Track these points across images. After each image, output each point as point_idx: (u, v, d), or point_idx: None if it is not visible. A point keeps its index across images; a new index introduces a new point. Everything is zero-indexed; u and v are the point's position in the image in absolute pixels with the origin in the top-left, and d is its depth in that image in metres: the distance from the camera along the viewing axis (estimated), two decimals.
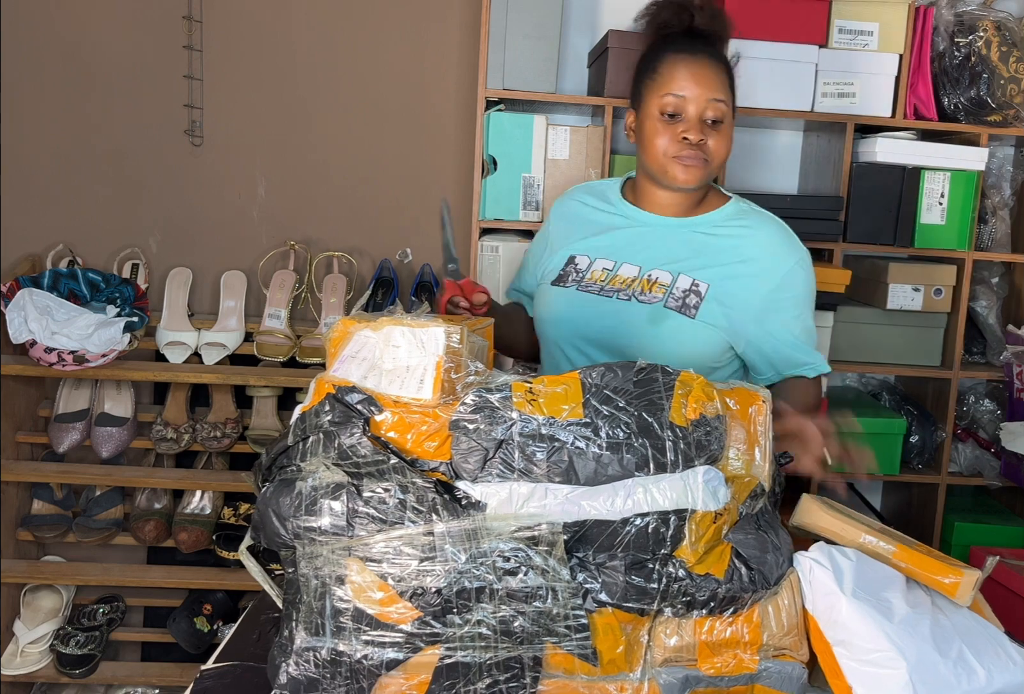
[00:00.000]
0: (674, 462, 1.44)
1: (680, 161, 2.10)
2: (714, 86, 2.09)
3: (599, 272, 2.22)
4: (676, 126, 2.09)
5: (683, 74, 2.09)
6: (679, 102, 2.08)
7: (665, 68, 2.11)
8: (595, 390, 1.46)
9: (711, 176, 2.17)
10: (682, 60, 2.10)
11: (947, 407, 3.24)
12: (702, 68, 2.09)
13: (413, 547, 1.38)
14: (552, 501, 1.41)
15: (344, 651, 1.40)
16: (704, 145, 2.09)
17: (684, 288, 2.15)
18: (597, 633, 1.41)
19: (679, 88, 2.08)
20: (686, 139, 2.08)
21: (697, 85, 2.08)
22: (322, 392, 1.49)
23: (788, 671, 1.50)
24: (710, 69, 2.10)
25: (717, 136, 2.11)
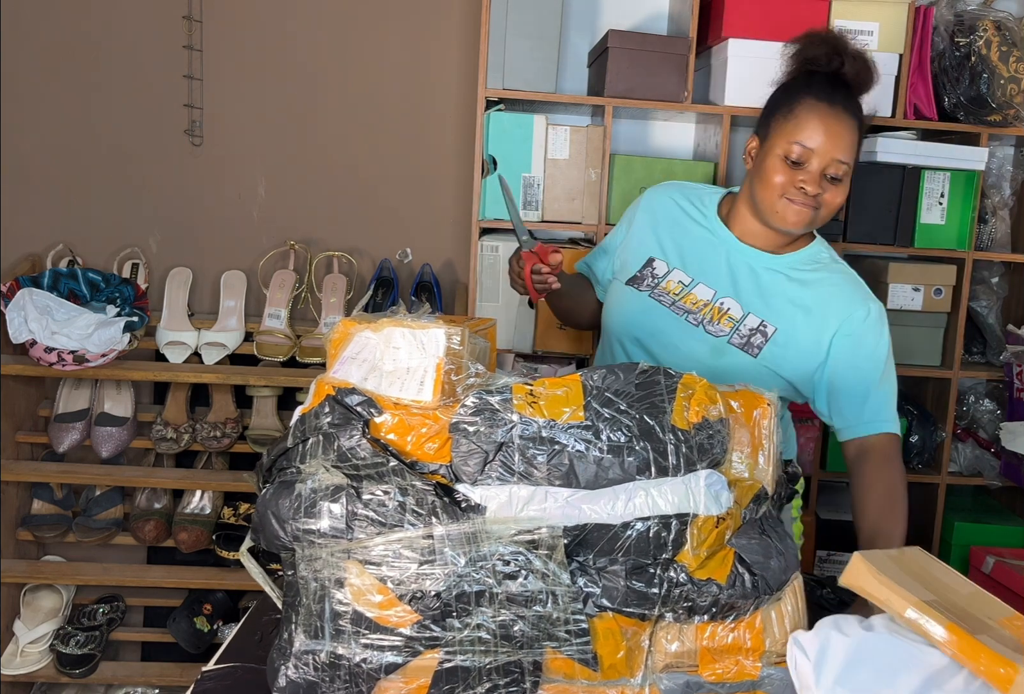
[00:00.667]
0: (676, 466, 1.43)
1: (791, 203, 2.12)
2: (843, 145, 2.09)
3: (674, 284, 2.23)
4: (797, 173, 2.10)
5: (816, 125, 2.09)
6: (805, 153, 2.09)
7: (802, 112, 2.11)
8: (596, 393, 1.46)
9: (817, 224, 2.17)
10: (820, 110, 2.10)
11: (947, 407, 3.24)
12: (837, 124, 2.10)
13: (412, 550, 1.38)
14: (552, 504, 1.40)
15: (343, 654, 1.40)
16: (818, 197, 2.11)
17: (752, 326, 2.17)
18: (598, 638, 1.41)
19: (808, 139, 2.09)
20: (803, 188, 2.10)
21: (827, 141, 2.08)
22: (322, 393, 1.49)
23: (790, 679, 1.49)
24: (844, 127, 2.10)
25: (833, 191, 2.12)
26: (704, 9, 3.06)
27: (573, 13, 3.35)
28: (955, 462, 3.31)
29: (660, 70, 3.02)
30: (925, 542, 3.30)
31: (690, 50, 3.03)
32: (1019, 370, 3.12)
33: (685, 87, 3.03)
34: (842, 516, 3.27)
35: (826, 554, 3.24)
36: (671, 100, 3.04)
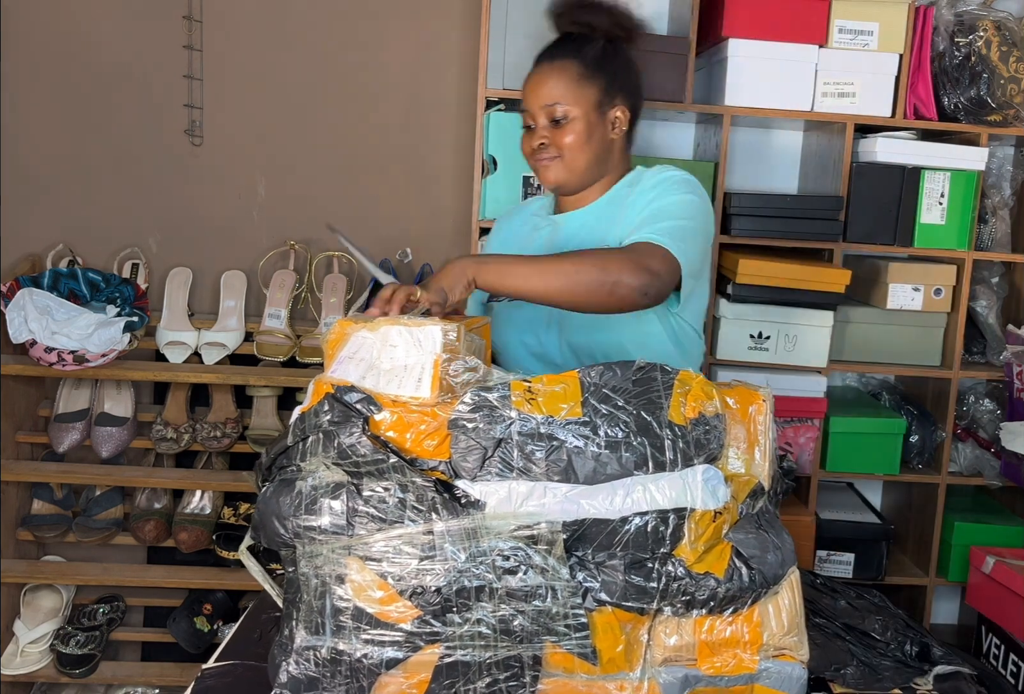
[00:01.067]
0: (673, 461, 1.44)
1: (539, 163, 2.24)
2: (548, 93, 2.20)
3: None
4: (529, 136, 2.25)
5: (526, 88, 2.25)
6: (527, 116, 2.24)
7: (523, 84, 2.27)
8: (594, 389, 1.46)
9: (576, 170, 2.24)
10: (530, 73, 2.26)
11: (947, 407, 3.23)
12: (541, 77, 2.22)
13: (413, 546, 1.38)
14: (551, 500, 1.41)
15: (344, 650, 1.41)
16: (548, 146, 2.21)
17: None
18: (597, 632, 1.41)
19: (525, 102, 2.24)
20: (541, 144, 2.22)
21: (533, 94, 2.22)
22: (320, 393, 1.49)
23: (788, 671, 1.50)
24: (550, 72, 2.22)
25: (560, 132, 2.20)
26: (704, 9, 3.06)
27: None
28: (955, 462, 3.31)
29: (660, 70, 3.02)
30: (925, 542, 3.30)
31: (690, 50, 3.03)
32: (1019, 370, 3.12)
33: (685, 87, 3.03)
34: (842, 516, 3.27)
35: (826, 554, 3.24)
36: (671, 100, 3.04)
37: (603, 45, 2.25)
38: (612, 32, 2.26)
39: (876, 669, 1.80)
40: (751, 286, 3.03)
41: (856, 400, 3.44)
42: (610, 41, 2.26)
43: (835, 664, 1.78)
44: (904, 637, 1.92)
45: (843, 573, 3.22)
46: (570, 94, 2.19)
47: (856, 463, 3.22)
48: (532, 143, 2.22)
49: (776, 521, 1.56)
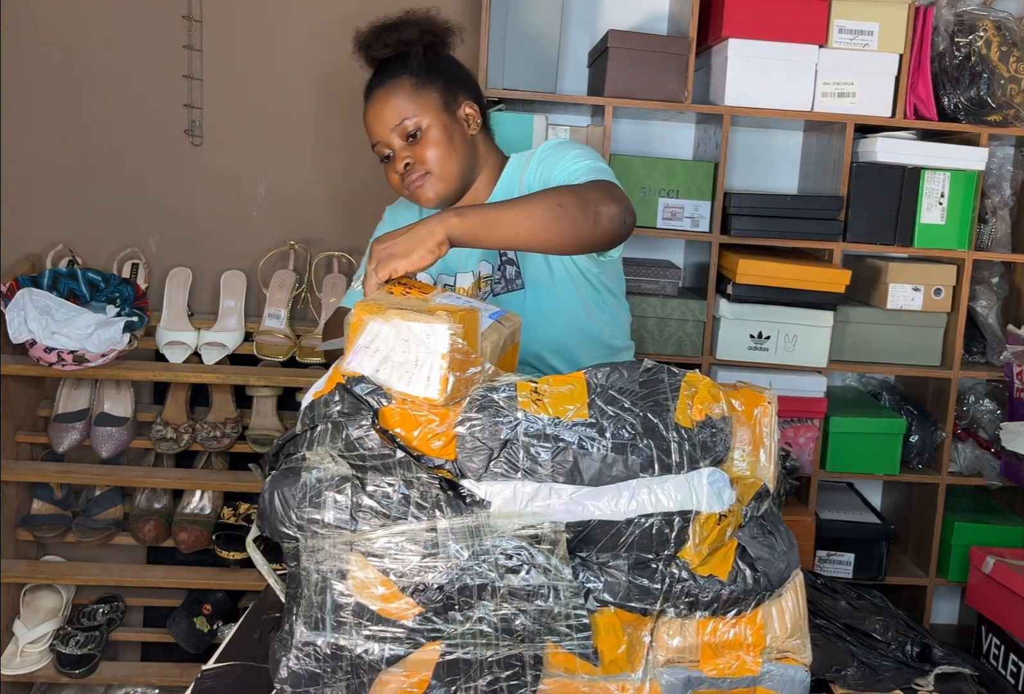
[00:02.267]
0: (679, 463, 1.44)
1: (412, 188, 2.17)
2: (391, 113, 2.15)
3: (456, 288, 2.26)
4: (392, 165, 2.18)
5: (369, 120, 2.19)
6: (380, 148, 2.19)
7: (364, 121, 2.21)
8: (600, 390, 1.46)
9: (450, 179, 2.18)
10: (367, 106, 2.21)
11: (947, 407, 3.24)
12: (378, 104, 2.18)
13: (416, 543, 1.38)
14: (556, 501, 1.41)
15: (345, 646, 1.41)
16: (415, 164, 2.15)
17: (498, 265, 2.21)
18: (599, 633, 1.41)
19: (372, 135, 2.19)
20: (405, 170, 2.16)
21: (379, 123, 2.17)
22: (336, 379, 1.49)
23: (791, 674, 1.50)
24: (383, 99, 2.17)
25: (420, 146, 2.15)
26: (704, 9, 3.06)
27: (573, 13, 3.35)
28: (955, 462, 3.31)
29: (660, 70, 3.03)
30: (925, 542, 3.30)
31: (690, 50, 3.03)
32: (1019, 370, 3.12)
33: (685, 87, 3.03)
34: (842, 516, 3.27)
35: (826, 554, 3.24)
36: (671, 100, 3.04)
37: (423, 52, 2.21)
38: (425, 40, 2.22)
39: (877, 670, 1.80)
40: (751, 286, 3.04)
41: (856, 400, 3.44)
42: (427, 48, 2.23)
43: (836, 665, 1.78)
44: (905, 638, 1.92)
45: (843, 573, 3.23)
46: (412, 105, 2.15)
47: (856, 463, 3.22)
48: (397, 167, 2.16)
49: (781, 523, 1.56)
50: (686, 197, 3.13)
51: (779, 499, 1.62)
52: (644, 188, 3.12)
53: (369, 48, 2.24)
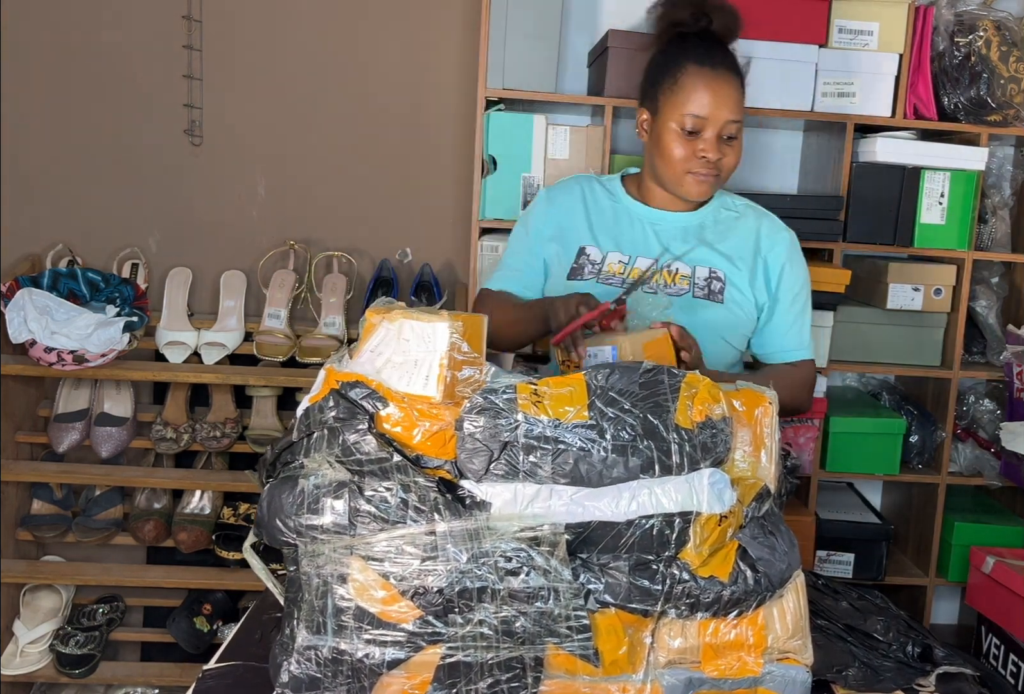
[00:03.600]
0: (679, 464, 1.44)
1: (696, 176, 2.19)
2: (733, 106, 2.15)
3: (616, 265, 2.25)
4: (695, 143, 2.17)
5: (703, 92, 2.14)
6: (698, 122, 2.15)
7: (687, 81, 2.16)
8: (600, 392, 1.46)
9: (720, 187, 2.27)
10: (704, 76, 2.15)
11: (947, 407, 3.24)
12: (723, 87, 2.15)
13: (415, 546, 1.38)
14: (557, 502, 1.41)
15: (346, 650, 1.40)
16: (715, 162, 2.18)
17: (704, 277, 2.23)
18: (600, 634, 1.41)
19: (700, 108, 2.14)
20: (704, 157, 2.17)
21: (716, 105, 2.14)
22: (330, 383, 1.49)
23: (792, 675, 1.50)
24: (730, 87, 2.16)
25: (731, 152, 2.19)
26: None
27: (573, 13, 3.35)
28: (955, 462, 3.31)
29: None
30: (925, 542, 3.30)
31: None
32: (1019, 370, 3.12)
33: None
34: (842, 516, 3.27)
35: (826, 554, 3.24)
36: None
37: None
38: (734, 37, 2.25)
39: (878, 670, 1.79)
40: None
41: (856, 400, 3.44)
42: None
43: (837, 665, 1.77)
44: (906, 638, 1.92)
45: (843, 573, 3.23)
46: (740, 112, 2.18)
47: (856, 463, 3.23)
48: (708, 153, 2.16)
49: (782, 523, 1.56)
50: None
51: (780, 499, 1.62)
52: None
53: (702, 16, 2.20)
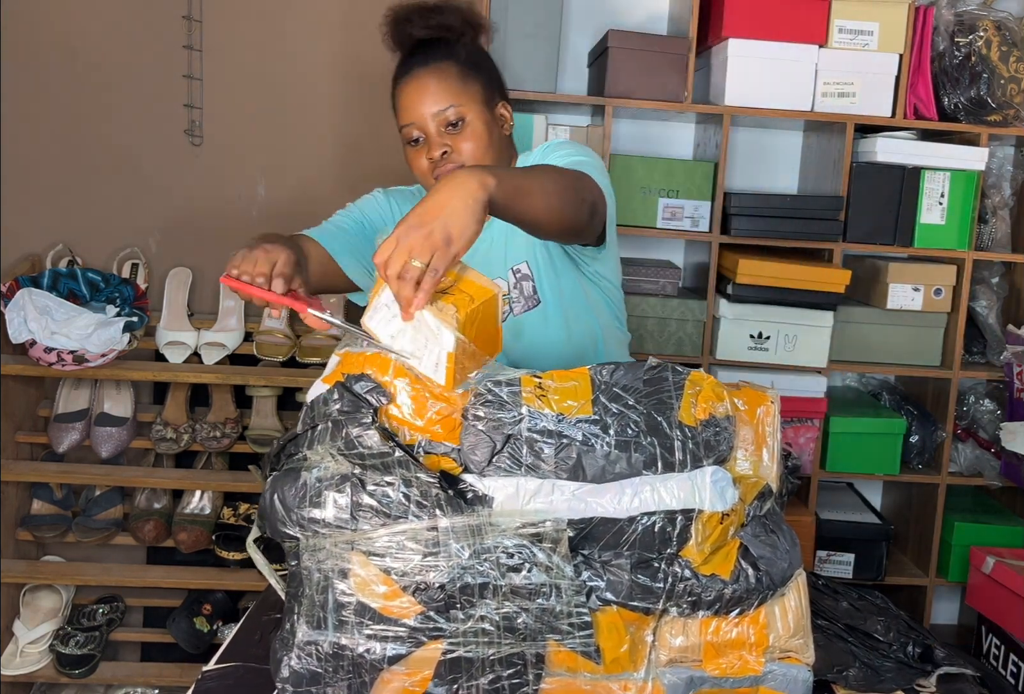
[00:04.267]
0: (682, 462, 1.44)
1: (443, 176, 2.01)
2: (435, 98, 2.06)
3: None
4: (422, 149, 2.08)
5: (405, 100, 2.09)
6: (411, 130, 2.08)
7: (396, 96, 2.12)
8: (605, 387, 1.46)
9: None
10: (403, 84, 2.10)
11: (947, 407, 3.23)
12: (421, 83, 2.08)
13: (416, 542, 1.38)
14: (559, 497, 1.41)
15: (346, 645, 1.41)
16: (452, 154, 2.06)
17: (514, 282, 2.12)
18: (601, 631, 1.41)
19: (406, 116, 2.08)
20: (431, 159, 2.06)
21: (415, 107, 2.07)
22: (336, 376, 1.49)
23: (793, 674, 1.50)
24: (427, 79, 2.08)
25: (459, 137, 2.06)
26: (704, 9, 3.06)
27: (573, 13, 3.35)
28: (955, 462, 3.31)
29: (660, 70, 3.03)
30: (925, 542, 3.30)
31: (690, 50, 3.03)
32: (1019, 370, 3.12)
33: (685, 87, 3.03)
34: (842, 516, 3.27)
35: (826, 554, 3.23)
36: (671, 100, 3.04)
37: (470, 44, 2.15)
38: (465, 31, 2.14)
39: (879, 671, 1.80)
40: (751, 286, 3.04)
41: (856, 400, 3.44)
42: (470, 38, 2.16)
43: (837, 666, 1.78)
44: (906, 638, 1.92)
45: (843, 573, 3.22)
46: (459, 94, 2.06)
47: (856, 463, 3.22)
48: (432, 154, 2.05)
49: (783, 522, 1.56)
50: (686, 197, 3.13)
51: (782, 499, 1.62)
52: (644, 188, 3.12)
53: (408, 24, 2.14)
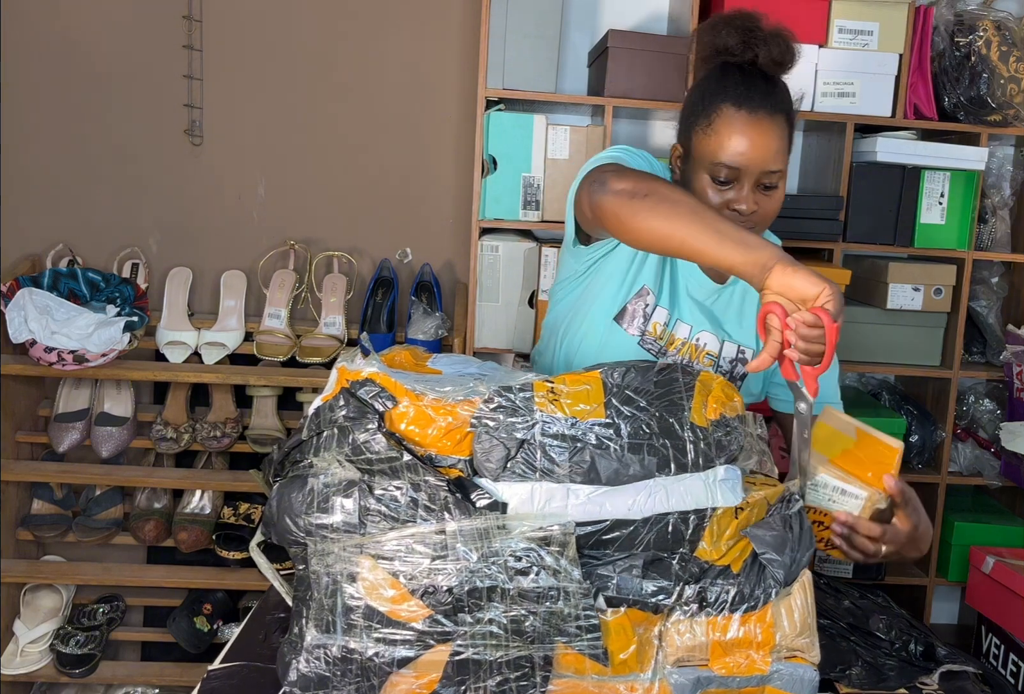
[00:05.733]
0: (695, 462, 1.44)
1: None
2: (771, 154, 1.92)
3: (660, 327, 2.04)
4: (727, 192, 1.94)
5: (739, 140, 1.90)
6: (732, 172, 1.92)
7: (721, 126, 1.92)
8: (616, 390, 1.47)
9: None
10: (740, 121, 1.91)
11: (947, 407, 3.24)
12: (761, 133, 1.91)
13: (425, 545, 1.38)
14: (573, 501, 1.41)
15: (355, 648, 1.41)
16: (755, 215, 1.95)
17: (731, 358, 2.07)
18: (609, 633, 1.41)
19: (733, 158, 1.91)
20: (736, 209, 1.93)
21: (753, 155, 1.90)
22: (343, 383, 1.49)
23: (800, 673, 1.50)
24: (770, 132, 1.92)
25: (768, 202, 1.96)
26: (704, 9, 3.06)
27: (573, 13, 3.35)
28: (955, 462, 3.31)
29: (660, 70, 3.03)
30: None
31: (690, 50, 3.02)
32: (1019, 370, 3.12)
33: (685, 87, 3.03)
34: None
35: (826, 554, 3.23)
36: (671, 100, 3.04)
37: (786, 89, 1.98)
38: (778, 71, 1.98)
39: (881, 669, 1.80)
40: None
41: (856, 400, 3.44)
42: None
43: (840, 664, 1.78)
44: (908, 637, 1.92)
45: (843, 573, 3.23)
46: (783, 156, 1.94)
47: None
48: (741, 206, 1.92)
49: (804, 522, 1.55)
50: None
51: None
52: None
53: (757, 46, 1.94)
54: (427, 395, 1.45)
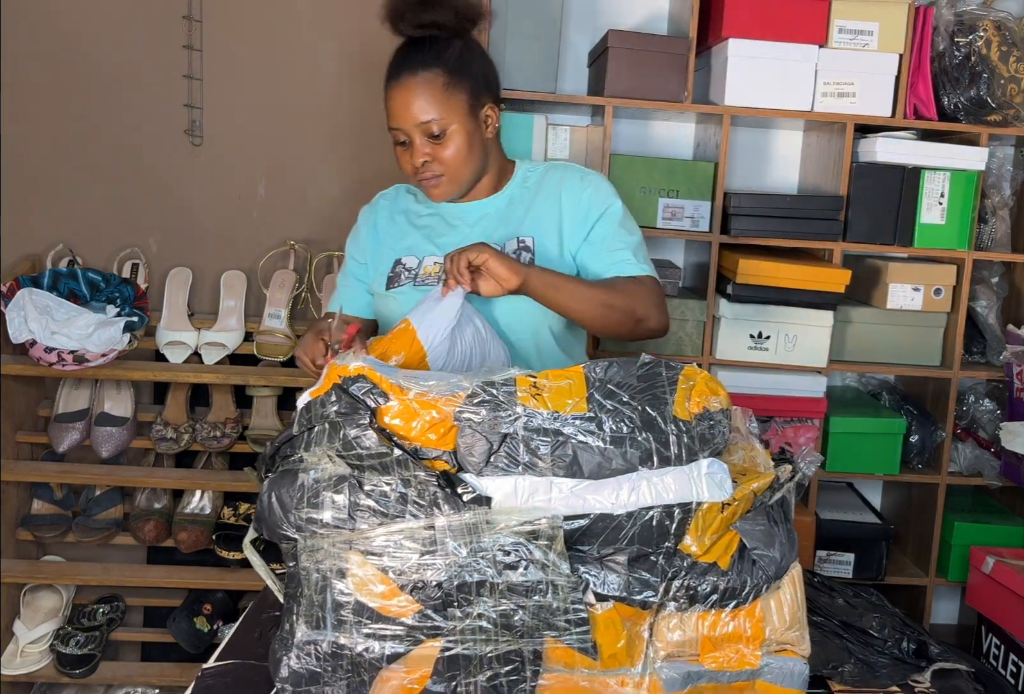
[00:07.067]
0: (678, 455, 1.45)
1: (426, 183, 2.19)
2: (420, 110, 2.12)
3: (431, 266, 2.24)
4: (408, 152, 2.17)
5: (392, 105, 2.16)
6: (399, 134, 2.16)
7: (386, 97, 2.18)
8: (599, 384, 1.47)
9: (462, 182, 2.21)
10: (391, 90, 2.16)
11: (947, 407, 3.23)
12: (408, 94, 2.13)
13: (414, 541, 1.38)
14: (556, 495, 1.42)
15: (345, 644, 1.41)
16: (432, 163, 2.16)
17: (513, 249, 2.20)
18: (598, 627, 1.41)
19: (393, 120, 2.16)
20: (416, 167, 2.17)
21: (405, 114, 2.13)
22: (332, 378, 1.50)
23: (790, 667, 1.50)
24: (413, 89, 2.13)
25: (441, 148, 2.15)
26: (704, 9, 3.06)
27: (573, 13, 3.35)
28: (955, 462, 3.31)
29: (660, 70, 3.03)
30: (925, 542, 3.30)
31: (690, 50, 3.03)
32: (1019, 370, 3.12)
33: (685, 87, 3.03)
34: (842, 516, 3.27)
35: (826, 554, 3.24)
36: (671, 100, 3.04)
37: (460, 46, 2.18)
38: (460, 27, 2.18)
39: (874, 666, 1.80)
40: (751, 286, 3.03)
41: (856, 400, 3.44)
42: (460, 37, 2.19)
43: (833, 662, 1.78)
44: (901, 635, 1.92)
45: (843, 573, 3.22)
46: (442, 107, 2.13)
47: (856, 463, 3.22)
48: (414, 161, 2.16)
49: (789, 515, 1.56)
50: (686, 197, 3.13)
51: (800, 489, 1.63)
52: (644, 188, 3.12)
53: (400, 20, 2.19)
54: (411, 390, 1.45)
